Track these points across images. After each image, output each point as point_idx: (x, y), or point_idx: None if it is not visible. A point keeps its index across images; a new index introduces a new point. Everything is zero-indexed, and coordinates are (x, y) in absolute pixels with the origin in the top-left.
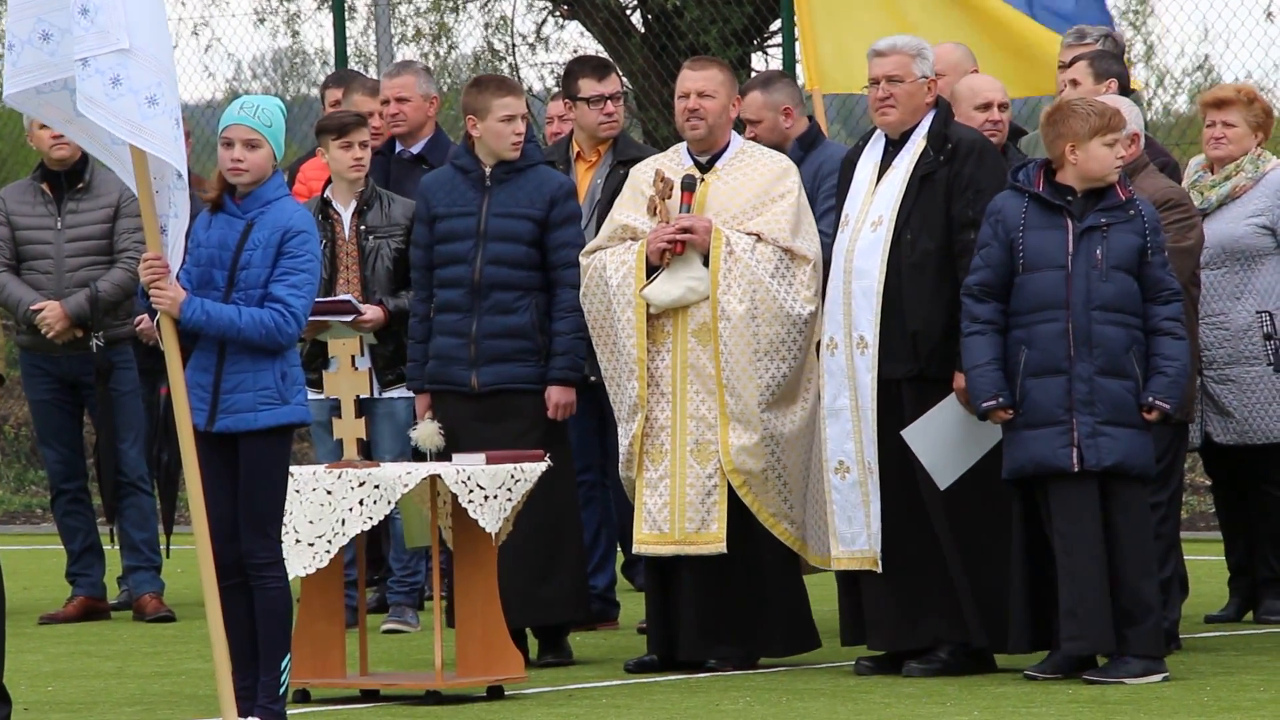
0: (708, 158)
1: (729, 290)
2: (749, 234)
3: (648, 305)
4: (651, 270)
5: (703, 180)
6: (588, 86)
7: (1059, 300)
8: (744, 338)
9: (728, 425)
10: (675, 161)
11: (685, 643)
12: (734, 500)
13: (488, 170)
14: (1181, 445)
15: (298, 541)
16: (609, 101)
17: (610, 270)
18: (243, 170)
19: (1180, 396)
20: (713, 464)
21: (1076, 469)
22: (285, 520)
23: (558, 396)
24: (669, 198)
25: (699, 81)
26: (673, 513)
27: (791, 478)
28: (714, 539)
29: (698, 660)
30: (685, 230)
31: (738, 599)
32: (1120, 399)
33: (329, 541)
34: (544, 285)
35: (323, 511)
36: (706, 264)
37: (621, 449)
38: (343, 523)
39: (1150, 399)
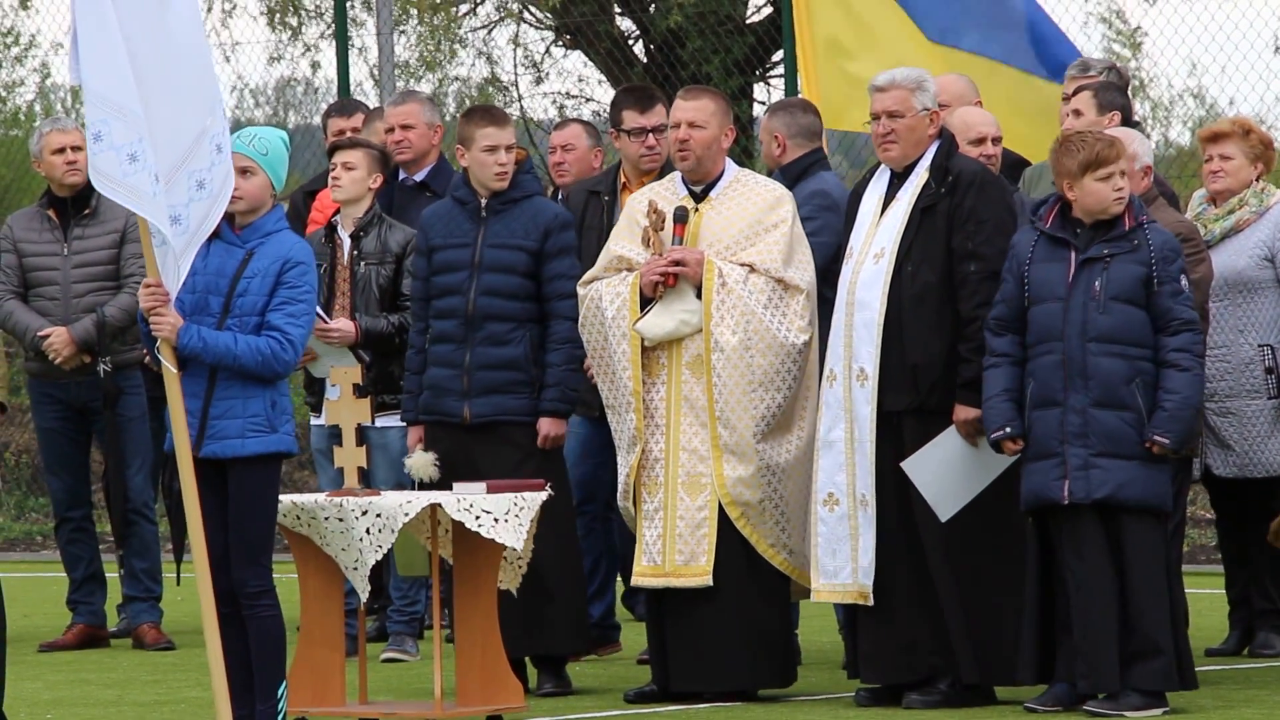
0: (702, 187)
1: (722, 322)
2: (742, 265)
3: (642, 338)
4: (646, 302)
5: (696, 210)
6: (630, 119)
7: (1056, 332)
8: (738, 369)
9: (721, 457)
10: (670, 191)
11: (676, 673)
12: (728, 532)
13: (483, 201)
14: (1185, 478)
15: (346, 568)
16: (650, 134)
17: (605, 302)
18: (237, 198)
19: (1182, 431)
20: (703, 496)
21: (1066, 501)
22: (332, 552)
23: (547, 428)
24: (661, 229)
25: (689, 112)
26: (665, 545)
27: (790, 507)
28: (701, 571)
29: (689, 691)
30: (677, 263)
31: (727, 631)
32: (1117, 431)
33: (356, 568)
34: (539, 317)
35: (346, 539)
36: (699, 296)
37: (620, 479)
38: (360, 552)
39: (1151, 433)
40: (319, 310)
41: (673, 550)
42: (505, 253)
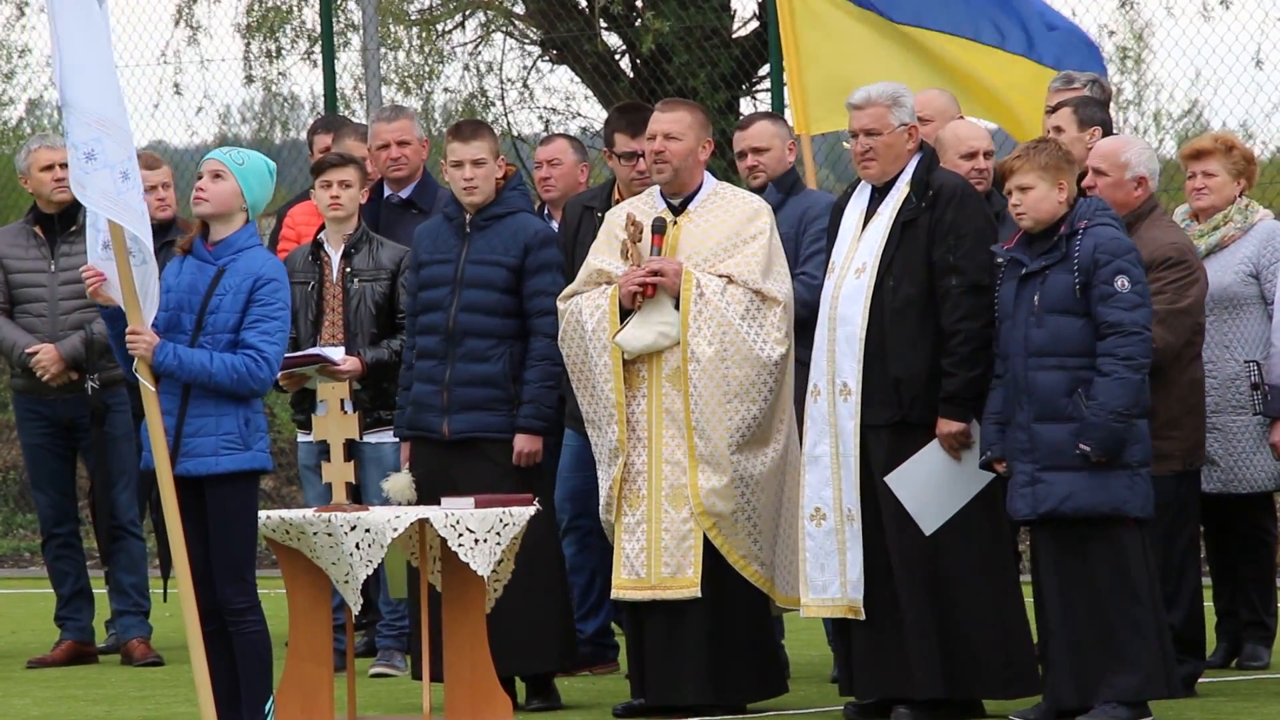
0: (680, 200)
1: (699, 333)
2: (720, 276)
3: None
4: (625, 314)
5: (674, 223)
6: (621, 142)
7: (1008, 350)
8: (713, 380)
9: (697, 467)
10: (649, 204)
11: (655, 686)
12: (709, 544)
13: (468, 217)
14: (1188, 491)
15: (337, 581)
16: (642, 159)
17: (585, 315)
18: (203, 199)
19: (1102, 437)
20: (687, 508)
21: (1017, 518)
22: (323, 565)
23: (522, 445)
24: (639, 241)
25: (665, 124)
26: (649, 558)
27: (761, 519)
28: (689, 584)
29: (665, 705)
30: (655, 273)
31: (709, 642)
32: (1059, 443)
33: (348, 581)
34: (520, 333)
35: (336, 553)
36: (679, 307)
37: (601, 493)
38: (350, 567)
39: (1079, 443)
40: (322, 351)
41: (658, 563)
42: (486, 269)
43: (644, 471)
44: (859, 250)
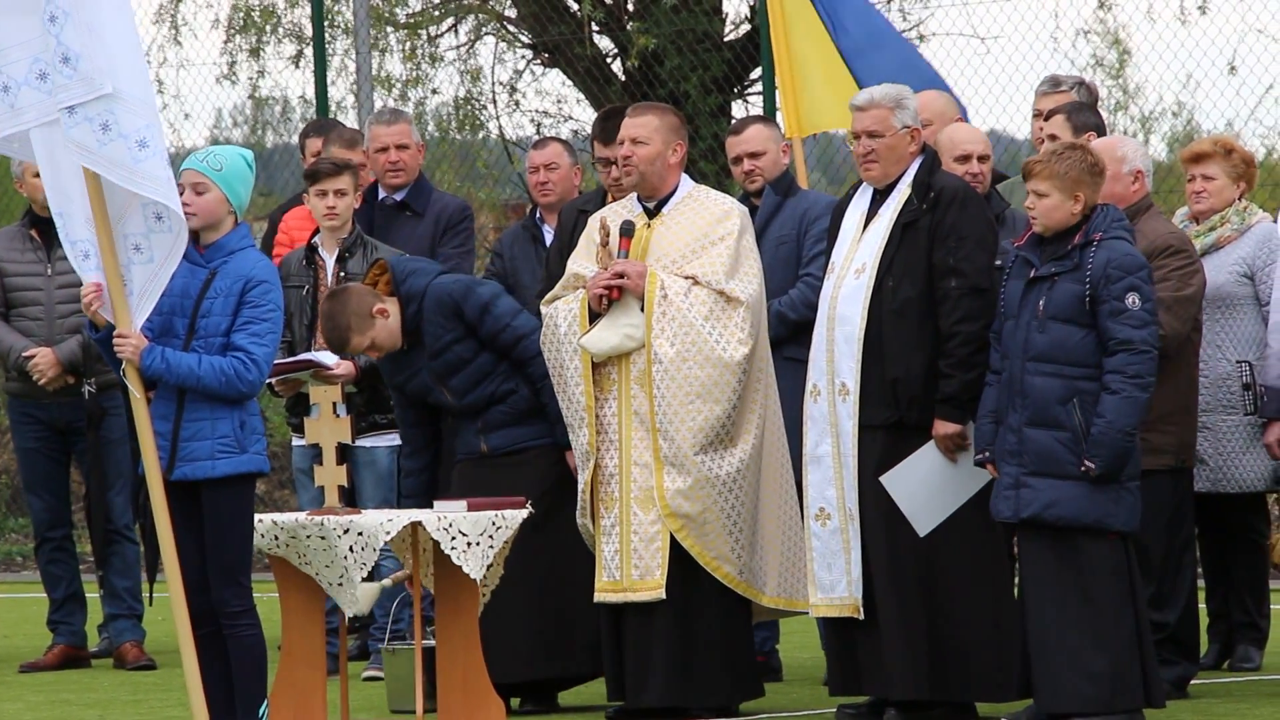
0: (655, 203)
1: (662, 334)
2: (686, 277)
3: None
4: (595, 317)
5: (648, 226)
6: (598, 149)
7: (1009, 350)
8: (675, 381)
9: (662, 469)
10: (626, 209)
11: (628, 688)
12: (679, 546)
13: (403, 344)
14: (1183, 489)
15: (330, 585)
16: (615, 166)
17: (560, 319)
18: (191, 214)
19: (1107, 455)
20: (655, 510)
21: (998, 519)
22: (313, 570)
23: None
24: (608, 244)
25: (631, 129)
26: (622, 560)
27: (740, 520)
28: (654, 585)
29: (637, 706)
30: (619, 275)
31: (677, 643)
32: (1048, 450)
33: (341, 583)
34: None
35: (329, 556)
36: (645, 309)
37: (578, 496)
38: (345, 569)
39: (1083, 457)
40: (315, 356)
41: (629, 565)
42: (447, 357)
43: (616, 474)
44: (859, 251)
